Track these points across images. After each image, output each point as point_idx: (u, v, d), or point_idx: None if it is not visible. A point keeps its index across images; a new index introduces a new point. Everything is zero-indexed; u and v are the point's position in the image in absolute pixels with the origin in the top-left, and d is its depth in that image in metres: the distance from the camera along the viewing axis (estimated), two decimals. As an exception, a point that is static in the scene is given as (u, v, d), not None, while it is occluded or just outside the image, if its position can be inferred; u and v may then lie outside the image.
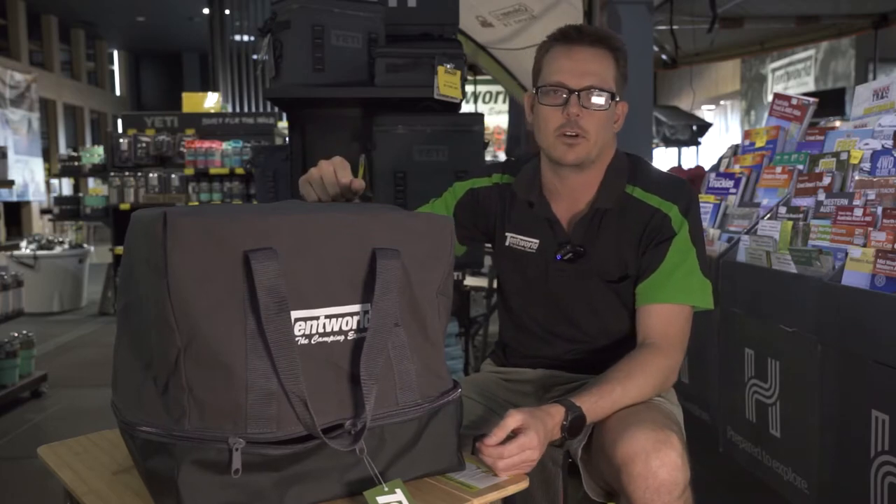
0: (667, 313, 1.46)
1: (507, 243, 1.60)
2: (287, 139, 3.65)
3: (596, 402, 1.32)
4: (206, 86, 16.39)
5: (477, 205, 1.65)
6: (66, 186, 13.77)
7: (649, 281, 1.48)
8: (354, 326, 1.07)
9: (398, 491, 1.07)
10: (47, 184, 14.35)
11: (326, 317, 1.05)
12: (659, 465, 1.24)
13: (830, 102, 10.58)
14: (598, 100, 1.44)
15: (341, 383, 1.07)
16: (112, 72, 20.38)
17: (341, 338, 1.06)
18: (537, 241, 1.57)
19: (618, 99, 1.48)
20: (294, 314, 1.01)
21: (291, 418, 1.02)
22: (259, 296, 0.98)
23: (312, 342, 1.04)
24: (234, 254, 0.99)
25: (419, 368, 1.14)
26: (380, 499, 1.05)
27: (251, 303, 0.99)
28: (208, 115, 7.31)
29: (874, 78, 9.55)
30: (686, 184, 1.55)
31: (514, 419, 1.21)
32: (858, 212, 2.07)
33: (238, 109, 14.39)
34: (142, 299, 1.04)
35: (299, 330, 1.02)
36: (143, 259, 1.02)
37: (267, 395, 1.00)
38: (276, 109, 7.10)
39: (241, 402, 0.99)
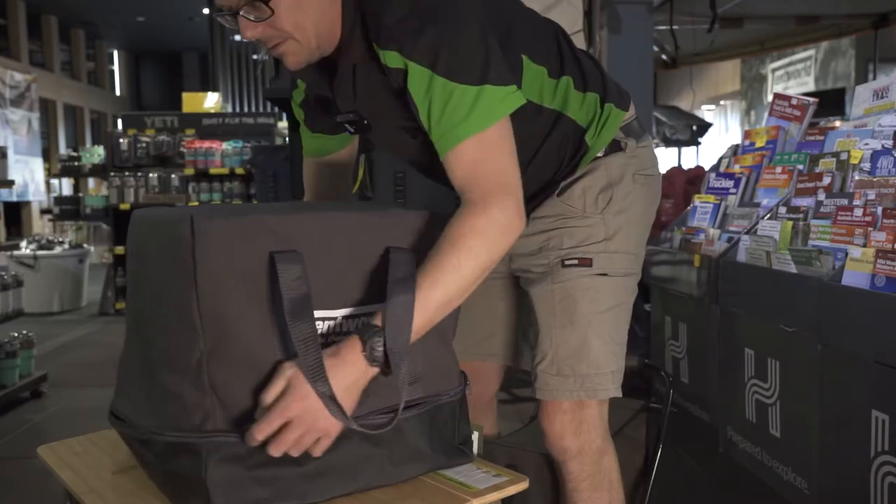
0: (462, 155, 1.17)
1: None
2: (287, 139, 3.65)
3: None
4: (206, 86, 16.40)
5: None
6: (66, 186, 13.77)
7: (431, 134, 1.20)
8: None
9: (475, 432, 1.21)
10: (47, 184, 14.34)
11: (344, 318, 1.07)
12: None
13: (830, 102, 10.57)
14: (254, 12, 1.16)
15: None
16: (112, 72, 20.36)
17: None
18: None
19: None
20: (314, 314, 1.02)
21: None
22: (284, 297, 0.99)
23: (328, 342, 1.06)
24: (261, 255, 1.00)
25: (429, 363, 1.15)
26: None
27: (275, 303, 1.00)
28: (208, 115, 7.32)
29: (874, 78, 9.55)
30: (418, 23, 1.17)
31: (277, 385, 1.02)
32: (858, 212, 2.07)
33: (238, 109, 14.42)
34: (159, 303, 1.04)
35: (318, 330, 1.04)
36: (163, 261, 1.02)
37: None
38: (276, 109, 7.10)
39: None
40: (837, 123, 3.36)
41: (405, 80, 1.18)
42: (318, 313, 1.03)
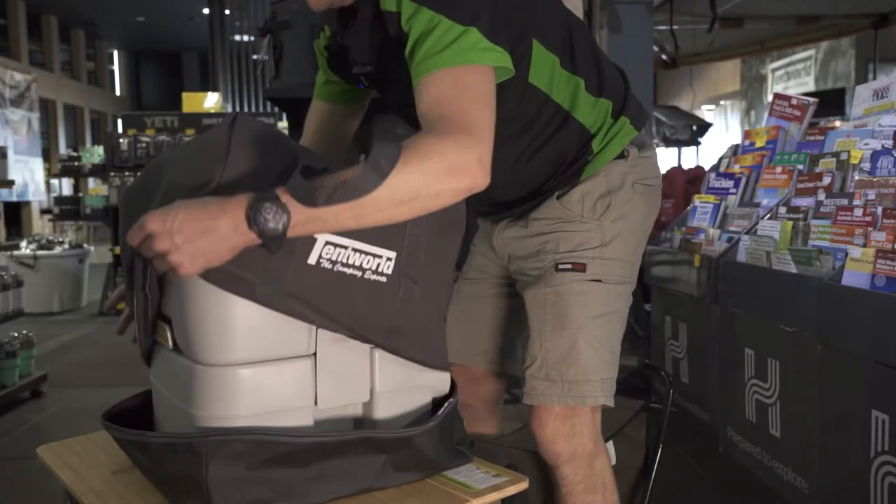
0: (432, 86, 1.09)
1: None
2: (287, 139, 3.65)
3: (312, 190, 0.95)
4: (206, 86, 16.38)
5: None
6: (66, 186, 13.77)
7: (410, 67, 1.14)
8: (374, 268, 1.09)
9: None
10: (47, 184, 14.35)
11: (353, 249, 1.06)
12: None
13: (830, 102, 10.57)
14: None
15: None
16: (112, 72, 20.36)
17: (359, 273, 1.08)
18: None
19: None
20: (326, 237, 1.03)
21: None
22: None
23: (335, 269, 1.05)
24: (288, 160, 1.01)
25: (426, 360, 1.16)
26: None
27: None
28: (208, 115, 7.31)
29: (874, 78, 9.55)
30: None
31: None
32: (858, 212, 2.07)
33: (238, 109, 14.39)
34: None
35: (326, 253, 1.04)
36: (188, 167, 1.05)
37: None
38: (276, 109, 7.10)
39: None
40: (837, 123, 3.36)
41: (398, 21, 1.13)
42: (332, 237, 1.03)
